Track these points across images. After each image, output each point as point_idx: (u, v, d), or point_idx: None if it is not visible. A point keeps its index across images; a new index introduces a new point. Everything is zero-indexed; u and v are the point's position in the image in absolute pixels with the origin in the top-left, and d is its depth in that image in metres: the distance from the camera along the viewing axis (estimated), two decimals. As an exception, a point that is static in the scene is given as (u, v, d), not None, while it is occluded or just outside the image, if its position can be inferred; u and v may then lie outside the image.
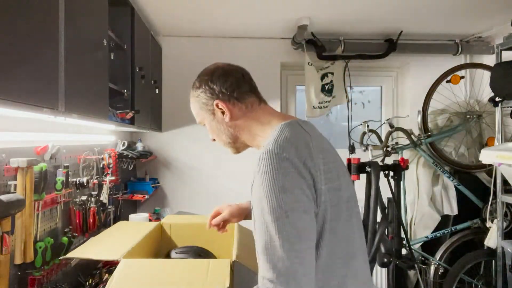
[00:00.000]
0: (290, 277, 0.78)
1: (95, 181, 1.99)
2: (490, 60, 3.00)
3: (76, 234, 1.76)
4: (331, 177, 0.91)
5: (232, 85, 1.05)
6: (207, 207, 2.71)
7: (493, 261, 2.52)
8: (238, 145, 1.11)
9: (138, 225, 1.96)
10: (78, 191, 1.82)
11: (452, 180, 2.76)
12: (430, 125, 2.90)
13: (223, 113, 1.05)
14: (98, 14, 1.55)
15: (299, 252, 0.80)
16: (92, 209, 1.93)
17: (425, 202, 2.81)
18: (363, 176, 2.26)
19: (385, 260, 2.25)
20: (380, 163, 2.34)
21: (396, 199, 2.37)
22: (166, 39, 3.04)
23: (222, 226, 1.39)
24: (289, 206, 0.82)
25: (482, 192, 2.74)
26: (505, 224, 2.45)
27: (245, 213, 1.37)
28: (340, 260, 0.91)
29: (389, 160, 2.52)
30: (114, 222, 2.20)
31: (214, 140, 1.13)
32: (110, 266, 1.88)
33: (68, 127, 1.67)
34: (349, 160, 2.29)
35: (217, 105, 1.05)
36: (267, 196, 0.82)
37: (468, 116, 2.91)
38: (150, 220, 2.44)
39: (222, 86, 1.05)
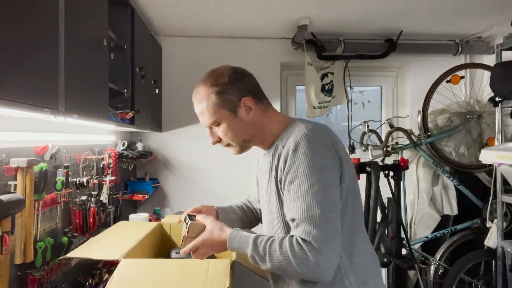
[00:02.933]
0: (322, 241, 0.93)
1: (95, 181, 1.99)
2: (490, 60, 3.00)
3: (76, 234, 1.76)
4: (349, 160, 1.08)
5: (255, 86, 1.14)
6: (207, 207, 2.73)
7: (493, 261, 2.52)
8: (249, 144, 1.16)
9: (138, 225, 1.96)
10: (78, 191, 1.82)
11: (452, 180, 2.76)
12: (430, 125, 2.90)
13: (246, 111, 1.10)
14: (98, 14, 1.55)
15: (331, 219, 0.96)
16: (92, 209, 1.93)
17: (425, 202, 2.81)
18: (363, 176, 2.26)
19: (385, 260, 2.25)
20: (380, 163, 2.34)
21: (396, 199, 2.37)
22: (166, 39, 3.04)
23: None
24: (325, 182, 0.98)
25: (482, 192, 2.73)
26: (505, 224, 2.45)
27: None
28: (360, 227, 1.11)
29: (389, 160, 2.52)
30: (114, 222, 2.20)
31: (216, 142, 1.16)
32: (110, 266, 1.88)
33: (68, 127, 1.67)
34: (349, 160, 2.29)
35: (244, 102, 1.09)
36: (307, 174, 0.98)
37: (468, 116, 2.91)
38: (150, 220, 2.44)
39: (248, 84, 1.12)
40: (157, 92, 2.73)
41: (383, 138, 2.69)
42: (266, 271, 1.13)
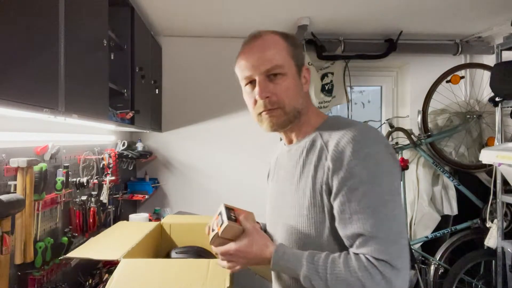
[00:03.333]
0: (400, 259, 0.80)
1: (95, 181, 1.99)
2: (490, 60, 3.00)
3: (76, 234, 1.76)
4: None
5: None
6: (207, 207, 2.73)
7: (493, 261, 2.52)
8: (295, 120, 0.97)
9: (138, 225, 1.96)
10: (78, 191, 1.82)
11: (452, 180, 2.76)
12: (430, 125, 2.90)
13: (304, 80, 1.00)
14: (98, 14, 1.55)
15: (404, 234, 0.84)
16: (92, 209, 1.93)
17: (425, 202, 2.81)
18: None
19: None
20: (380, 163, 2.33)
21: (396, 199, 2.36)
22: (166, 39, 3.04)
23: None
24: (394, 189, 0.85)
25: (482, 192, 2.73)
26: (505, 224, 2.45)
27: None
28: None
29: (389, 160, 2.52)
30: (114, 222, 2.20)
31: (265, 98, 0.93)
32: (110, 266, 1.88)
33: (68, 127, 1.67)
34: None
35: (305, 70, 1.01)
36: (375, 180, 0.83)
37: (468, 116, 2.91)
38: (150, 220, 2.44)
39: None
40: (157, 92, 2.73)
41: (383, 138, 2.69)
42: (268, 272, 1.09)
